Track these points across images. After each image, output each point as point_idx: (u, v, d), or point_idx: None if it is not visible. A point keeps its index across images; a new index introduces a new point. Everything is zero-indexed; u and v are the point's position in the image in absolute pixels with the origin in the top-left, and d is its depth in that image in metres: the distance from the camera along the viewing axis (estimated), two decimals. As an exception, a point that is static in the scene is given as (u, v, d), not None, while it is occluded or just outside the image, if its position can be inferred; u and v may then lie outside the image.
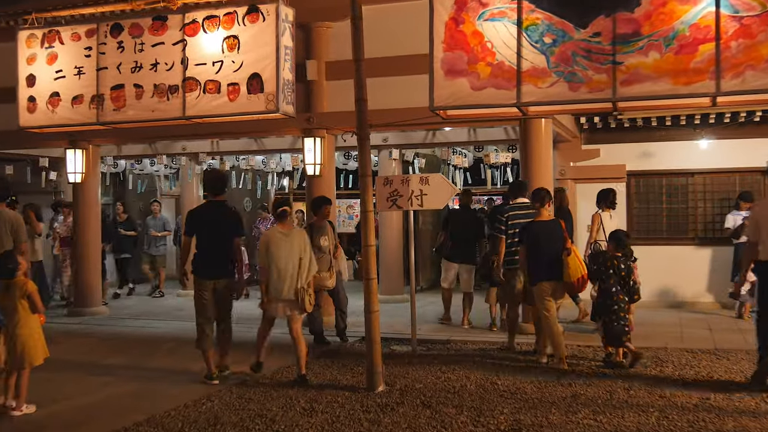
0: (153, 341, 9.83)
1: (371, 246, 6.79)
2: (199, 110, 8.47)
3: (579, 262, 7.81)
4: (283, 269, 7.15)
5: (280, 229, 7.32)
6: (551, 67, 6.63)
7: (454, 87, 6.82)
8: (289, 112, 8.04)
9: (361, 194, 6.80)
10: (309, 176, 10.94)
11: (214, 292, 7.34)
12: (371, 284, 6.79)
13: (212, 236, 7.36)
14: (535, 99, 6.64)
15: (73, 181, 12.24)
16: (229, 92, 8.34)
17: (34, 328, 6.45)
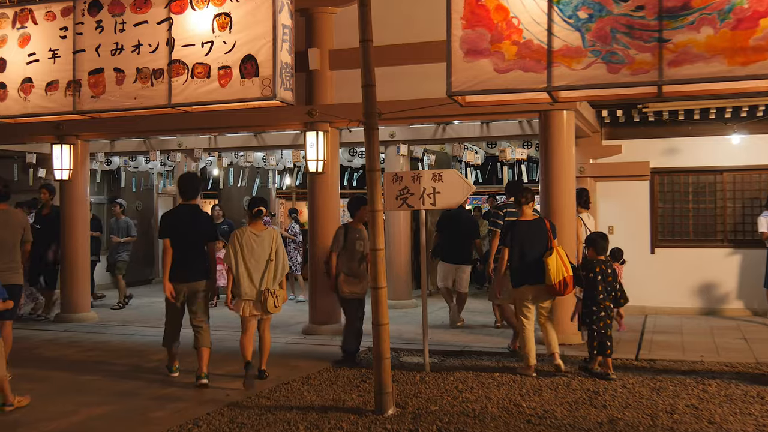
0: (141, 352, 9.04)
1: (380, 250, 6.00)
2: (186, 97, 7.49)
3: (563, 264, 7.37)
4: (252, 270, 7.19)
5: (251, 230, 7.31)
6: (587, 45, 5.79)
7: (474, 69, 6.00)
8: (287, 99, 7.16)
9: (368, 191, 6.01)
10: (311, 173, 10.15)
11: (188, 296, 7.34)
12: (380, 294, 5.99)
13: (185, 240, 7.31)
14: (568, 82, 5.81)
15: (60, 178, 11.47)
16: (220, 76, 7.42)
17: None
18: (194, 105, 7.46)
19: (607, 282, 7.39)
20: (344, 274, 8.10)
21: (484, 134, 12.32)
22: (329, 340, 9.68)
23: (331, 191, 10.31)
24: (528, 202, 7.78)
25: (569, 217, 9.31)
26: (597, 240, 7.64)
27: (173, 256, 7.28)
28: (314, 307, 10.28)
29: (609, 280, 7.42)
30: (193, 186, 7.54)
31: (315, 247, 10.24)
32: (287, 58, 7.17)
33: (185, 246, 7.32)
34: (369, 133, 5.97)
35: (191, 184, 7.55)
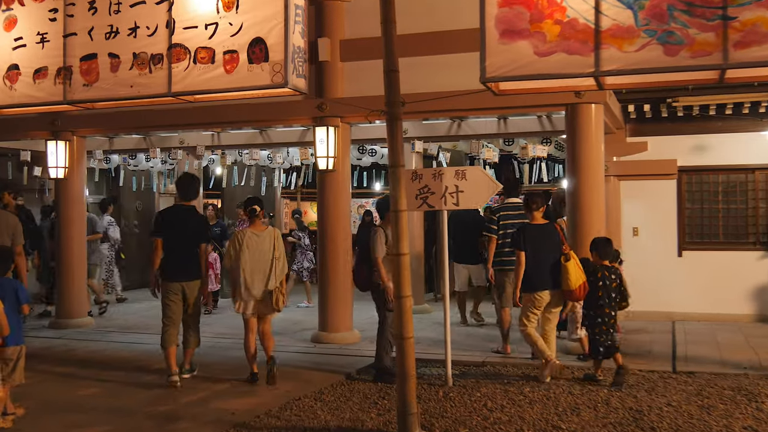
0: (140, 363, 8.41)
1: (404, 255, 5.37)
2: (188, 85, 6.69)
3: (579, 269, 7.22)
4: (254, 270, 7.24)
5: (251, 230, 7.37)
6: (640, 24, 5.15)
7: (512, 52, 5.35)
8: (299, 87, 6.45)
9: (391, 190, 5.38)
10: (321, 171, 9.53)
11: (181, 294, 7.40)
12: (404, 304, 5.36)
13: (179, 240, 7.38)
14: (618, 66, 5.15)
15: (55, 176, 10.85)
16: (226, 62, 6.65)
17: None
18: (197, 93, 6.68)
19: (610, 288, 7.21)
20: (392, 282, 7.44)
21: (502, 131, 11.69)
22: (340, 349, 9.07)
23: (341, 190, 9.68)
24: (539, 208, 7.62)
25: (598, 216, 8.69)
26: (600, 245, 7.44)
27: (166, 255, 7.39)
28: (324, 314, 9.65)
29: (613, 286, 7.23)
30: (192, 187, 7.61)
31: (325, 249, 9.62)
32: (300, 42, 6.46)
33: (179, 246, 7.39)
34: (392, 125, 5.35)
35: (190, 185, 7.61)
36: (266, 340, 7.49)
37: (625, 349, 8.66)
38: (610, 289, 7.21)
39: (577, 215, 8.63)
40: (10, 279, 6.12)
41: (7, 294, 5.83)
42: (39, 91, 7.15)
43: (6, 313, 5.68)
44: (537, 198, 7.72)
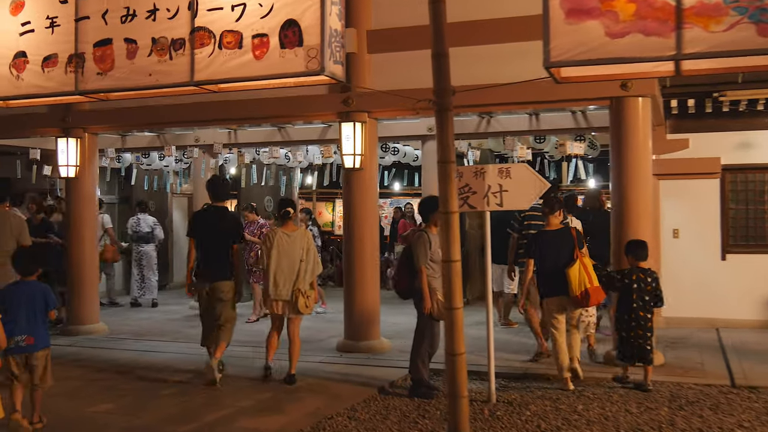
0: (156, 374, 7.86)
1: (455, 262, 4.79)
2: (212, 73, 5.93)
3: (586, 275, 7.05)
4: (283, 270, 7.27)
5: (282, 230, 7.41)
6: (729, 1, 4.56)
7: (580, 33, 4.75)
8: (337, 74, 5.78)
9: (440, 188, 4.81)
10: (347, 169, 8.97)
11: (212, 295, 7.39)
12: (456, 316, 4.79)
13: (210, 241, 7.42)
14: (703, 49, 4.54)
15: (66, 175, 10.33)
16: (255, 47, 5.89)
17: None
18: (222, 82, 5.99)
19: (644, 291, 7.05)
20: (439, 293, 6.87)
21: (533, 127, 11.15)
22: (369, 359, 8.52)
23: (368, 189, 9.13)
24: (553, 212, 7.42)
25: (645, 218, 8.13)
26: (635, 248, 7.30)
27: (199, 255, 7.45)
28: (350, 321, 9.10)
29: (648, 289, 7.07)
30: (222, 188, 7.69)
31: (352, 253, 9.07)
32: (337, 25, 5.80)
33: (210, 246, 7.42)
34: (442, 116, 4.78)
35: (220, 187, 7.68)
36: (293, 346, 7.43)
37: (674, 361, 8.15)
38: (644, 291, 7.05)
39: (624, 217, 8.06)
40: (38, 282, 5.93)
41: (35, 298, 5.74)
42: (48, 80, 6.51)
43: (35, 316, 5.69)
44: (553, 203, 7.45)
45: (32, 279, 5.90)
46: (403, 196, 18.96)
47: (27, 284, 5.83)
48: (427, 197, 7.58)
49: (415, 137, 12.03)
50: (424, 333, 7.06)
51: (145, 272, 13.18)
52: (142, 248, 13.13)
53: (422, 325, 7.07)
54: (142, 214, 13.19)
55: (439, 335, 7.17)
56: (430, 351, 7.09)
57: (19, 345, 5.66)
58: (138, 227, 13.07)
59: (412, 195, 18.63)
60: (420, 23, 8.41)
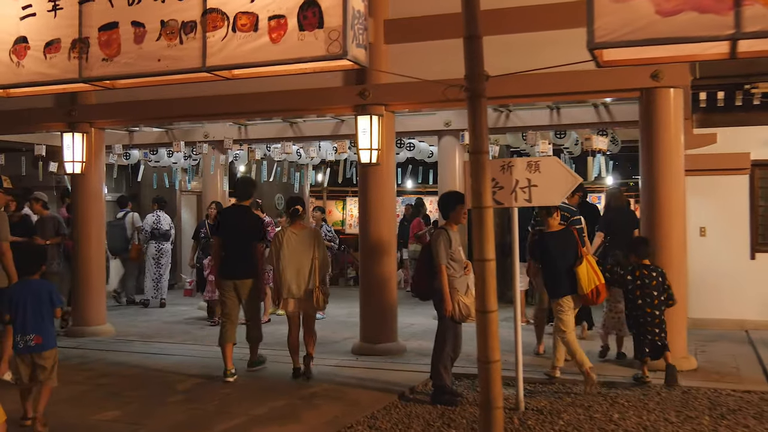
0: (164, 378, 7.52)
1: (489, 261, 4.42)
2: (226, 57, 5.45)
3: (594, 272, 7.05)
4: (294, 269, 7.29)
5: (291, 229, 7.46)
6: (793, -25, 4.17)
7: (627, 11, 4.35)
8: (359, 59, 5.34)
9: (473, 181, 4.43)
10: (363, 165, 8.60)
11: (236, 292, 7.51)
12: (490, 320, 4.41)
13: (234, 239, 7.54)
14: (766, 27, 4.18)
15: (72, 171, 10.00)
16: (272, 29, 5.33)
17: None
18: (236, 67, 5.54)
19: (650, 287, 7.10)
20: (460, 294, 6.52)
21: (554, 122, 10.82)
22: (386, 362, 8.15)
23: (386, 186, 8.76)
24: (550, 215, 7.30)
25: (678, 216, 7.77)
26: (638, 245, 7.41)
27: (224, 253, 7.56)
28: (366, 323, 8.73)
29: (653, 284, 7.11)
30: (246, 188, 7.82)
31: (368, 252, 8.70)
32: (360, 5, 5.37)
33: (234, 244, 7.53)
34: (474, 103, 4.40)
35: (244, 187, 7.85)
36: (308, 336, 7.49)
37: (707, 365, 7.78)
38: (650, 287, 7.10)
39: (655, 215, 7.70)
40: (42, 281, 5.81)
41: (42, 296, 5.60)
42: (51, 67, 6.10)
43: (42, 316, 5.56)
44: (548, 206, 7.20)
45: (35, 278, 5.73)
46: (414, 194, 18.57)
47: (32, 283, 5.66)
48: (446, 193, 7.21)
49: (430, 132, 11.68)
50: (446, 336, 6.69)
51: (163, 271, 12.82)
52: (163, 246, 12.69)
53: (443, 327, 6.70)
54: (161, 211, 12.81)
55: (461, 338, 6.82)
56: (452, 355, 6.71)
57: (28, 345, 5.52)
58: (159, 224, 12.71)
59: (424, 193, 18.25)
60: (440, 12, 8.14)
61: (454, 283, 6.54)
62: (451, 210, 6.70)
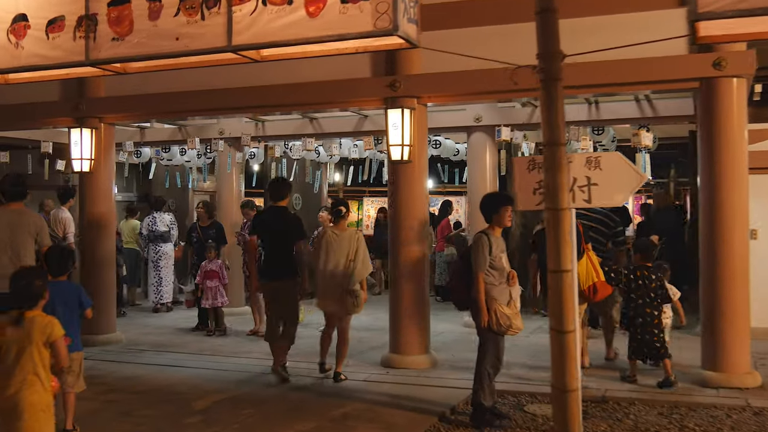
0: (179, 395, 6.89)
1: (566, 272, 3.75)
2: (255, 35, 4.54)
3: (593, 269, 6.95)
4: (332, 269, 7.29)
5: (333, 229, 7.48)
6: None
7: (735, -22, 3.74)
8: (410, 35, 4.58)
9: (547, 178, 3.77)
10: (394, 162, 7.96)
11: (277, 292, 7.49)
12: (567, 341, 3.75)
13: (273, 240, 7.57)
14: None
15: (80, 169, 9.37)
16: (309, 2, 4.34)
17: (46, 403, 4.18)
18: (267, 46, 4.73)
19: (649, 288, 7.10)
20: (499, 303, 5.88)
21: (593, 117, 10.14)
22: (419, 376, 7.52)
23: (418, 185, 8.12)
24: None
25: (741, 216, 7.11)
26: (644, 247, 7.49)
27: (263, 254, 7.71)
28: (396, 333, 8.09)
29: (653, 286, 7.13)
30: (281, 189, 7.76)
31: (398, 255, 8.05)
32: None
33: (272, 245, 7.57)
34: (549, 86, 3.77)
35: (279, 188, 7.79)
36: (342, 345, 7.46)
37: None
38: (649, 288, 7.11)
39: (716, 217, 7.04)
40: (70, 282, 5.70)
41: (69, 298, 5.45)
42: (53, 48, 5.35)
43: (71, 316, 5.35)
44: None
45: (64, 279, 5.57)
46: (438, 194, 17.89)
47: (61, 284, 5.45)
48: (490, 194, 6.59)
49: (459, 129, 10.99)
50: (487, 350, 6.05)
51: (163, 274, 12.22)
52: (160, 248, 12.14)
53: (483, 340, 6.07)
54: (157, 212, 12.22)
55: (503, 351, 6.18)
56: (490, 370, 6.03)
57: None
58: (154, 226, 12.11)
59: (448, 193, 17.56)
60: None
61: (492, 292, 5.90)
62: (495, 212, 6.06)
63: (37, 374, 4.11)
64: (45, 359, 4.16)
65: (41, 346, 4.14)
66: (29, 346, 4.11)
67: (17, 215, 6.55)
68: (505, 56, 6.56)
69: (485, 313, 5.88)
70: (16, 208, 6.62)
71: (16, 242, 6.43)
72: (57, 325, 4.26)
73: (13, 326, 4.13)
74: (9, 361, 4.08)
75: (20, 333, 4.12)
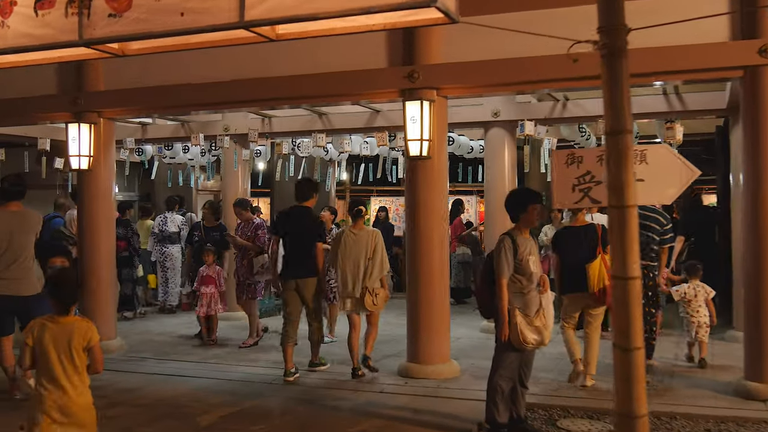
0: (183, 409, 6.39)
1: (632, 280, 3.24)
2: (271, 9, 3.88)
3: (606, 271, 6.51)
4: (350, 268, 7.38)
5: (351, 229, 7.57)
6: None
7: None
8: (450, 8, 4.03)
9: (610, 169, 3.26)
10: (412, 158, 7.45)
11: (298, 292, 7.52)
12: (632, 360, 3.24)
13: (294, 239, 7.62)
14: None
15: (78, 167, 8.87)
16: None
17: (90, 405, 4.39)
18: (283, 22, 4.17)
19: (648, 287, 7.15)
20: (521, 313, 5.36)
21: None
22: (440, 387, 7.03)
23: (437, 182, 7.61)
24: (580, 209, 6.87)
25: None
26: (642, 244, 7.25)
27: (285, 253, 7.70)
28: (414, 340, 7.58)
29: (650, 284, 7.26)
30: (306, 190, 7.86)
31: (417, 258, 7.55)
32: None
33: (294, 244, 7.59)
34: (612, 63, 3.27)
35: (305, 188, 7.89)
36: (370, 330, 7.56)
37: None
38: (648, 288, 7.14)
39: (762, 216, 6.50)
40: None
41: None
42: (43, 27, 4.76)
43: None
44: None
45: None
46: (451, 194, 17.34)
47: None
48: (517, 191, 6.05)
49: (475, 124, 10.48)
50: (500, 361, 5.51)
51: (169, 275, 11.77)
52: (166, 249, 11.69)
53: (498, 350, 5.55)
54: (170, 213, 11.74)
55: (531, 364, 5.68)
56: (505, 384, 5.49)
57: None
58: (165, 226, 11.65)
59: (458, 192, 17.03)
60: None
61: (517, 301, 5.37)
62: (522, 211, 5.50)
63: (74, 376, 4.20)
64: (83, 363, 4.23)
65: (80, 351, 4.19)
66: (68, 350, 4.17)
67: (18, 216, 6.64)
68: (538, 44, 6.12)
69: (506, 325, 5.35)
70: (16, 210, 6.69)
71: (16, 243, 6.49)
72: (95, 330, 4.32)
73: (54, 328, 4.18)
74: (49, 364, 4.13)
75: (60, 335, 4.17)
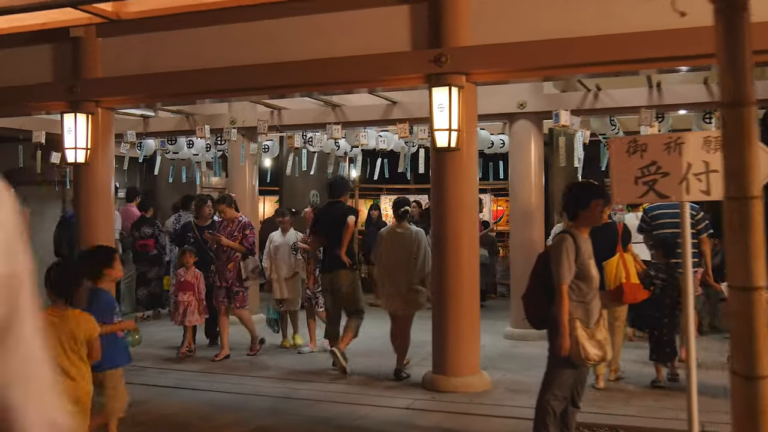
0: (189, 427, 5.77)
1: (757, 290, 2.56)
2: None
3: (624, 270, 6.16)
4: (391, 267, 7.37)
5: (395, 229, 7.55)
6: None
7: None
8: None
9: (728, 152, 2.58)
10: (439, 150, 6.79)
11: (332, 285, 7.68)
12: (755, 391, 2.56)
13: (331, 233, 7.74)
14: None
15: (74, 160, 8.22)
16: None
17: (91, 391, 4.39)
18: None
19: (675, 288, 6.82)
20: (582, 324, 4.67)
21: (654, 102, 8.98)
22: (471, 402, 6.38)
23: (466, 175, 6.95)
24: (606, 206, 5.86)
25: None
26: (663, 243, 7.26)
27: (322, 248, 7.98)
28: (441, 350, 6.92)
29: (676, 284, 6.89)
30: (339, 186, 8.10)
31: (444, 259, 6.89)
32: None
33: (330, 239, 7.75)
34: (733, 18, 2.57)
35: (338, 186, 8.12)
36: (401, 341, 7.42)
37: None
38: (675, 289, 6.85)
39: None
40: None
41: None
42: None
43: None
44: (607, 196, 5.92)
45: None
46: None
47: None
48: (577, 184, 5.37)
49: (500, 116, 9.80)
50: (553, 379, 4.79)
51: None
52: (174, 248, 10.99)
53: (551, 366, 4.84)
54: (183, 211, 10.95)
55: (585, 382, 5.00)
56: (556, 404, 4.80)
57: None
58: (177, 225, 10.95)
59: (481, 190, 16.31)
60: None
61: (576, 310, 4.67)
62: (583, 207, 4.81)
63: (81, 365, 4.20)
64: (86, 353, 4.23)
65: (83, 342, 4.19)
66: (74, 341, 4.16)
67: None
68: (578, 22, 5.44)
69: (566, 338, 4.64)
70: None
71: None
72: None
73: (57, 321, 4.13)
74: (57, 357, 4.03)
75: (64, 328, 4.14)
